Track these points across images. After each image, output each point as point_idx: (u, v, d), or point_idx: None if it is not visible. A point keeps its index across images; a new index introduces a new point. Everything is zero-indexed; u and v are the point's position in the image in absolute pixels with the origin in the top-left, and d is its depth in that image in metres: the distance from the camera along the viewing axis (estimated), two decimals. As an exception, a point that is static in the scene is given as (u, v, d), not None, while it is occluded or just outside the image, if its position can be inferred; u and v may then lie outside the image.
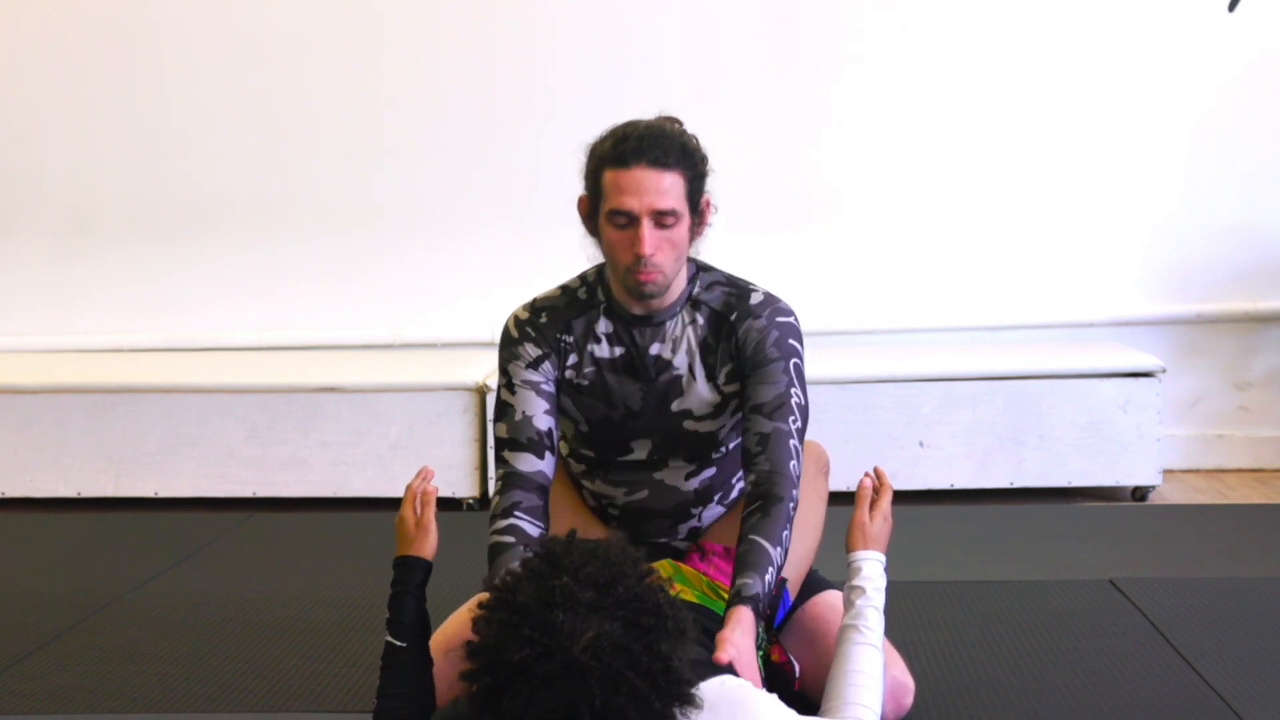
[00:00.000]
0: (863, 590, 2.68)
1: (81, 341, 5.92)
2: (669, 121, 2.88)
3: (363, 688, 3.22)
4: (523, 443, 2.91)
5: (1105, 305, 5.69)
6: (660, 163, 2.77)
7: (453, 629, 2.85)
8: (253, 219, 5.87)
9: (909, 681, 2.92)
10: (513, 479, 2.89)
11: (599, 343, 2.96)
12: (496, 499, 2.88)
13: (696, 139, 2.87)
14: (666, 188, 2.78)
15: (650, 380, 2.95)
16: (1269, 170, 5.63)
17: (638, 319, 2.94)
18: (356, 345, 5.82)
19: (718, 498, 3.06)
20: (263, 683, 3.35)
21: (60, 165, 5.94)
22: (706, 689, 2.29)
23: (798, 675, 2.84)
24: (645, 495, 3.03)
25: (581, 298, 2.98)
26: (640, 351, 2.94)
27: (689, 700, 2.20)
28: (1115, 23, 5.62)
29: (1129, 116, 5.65)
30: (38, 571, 4.42)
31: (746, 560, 2.72)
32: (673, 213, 2.79)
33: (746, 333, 2.92)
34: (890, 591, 2.76)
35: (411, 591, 2.68)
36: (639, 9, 5.74)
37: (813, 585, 3.07)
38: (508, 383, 2.96)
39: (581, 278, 3.02)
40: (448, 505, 4.98)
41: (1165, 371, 5.21)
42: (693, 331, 2.95)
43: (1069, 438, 5.17)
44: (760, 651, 2.66)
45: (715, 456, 3.02)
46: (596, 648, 2.12)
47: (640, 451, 3.00)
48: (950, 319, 5.72)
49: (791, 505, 2.80)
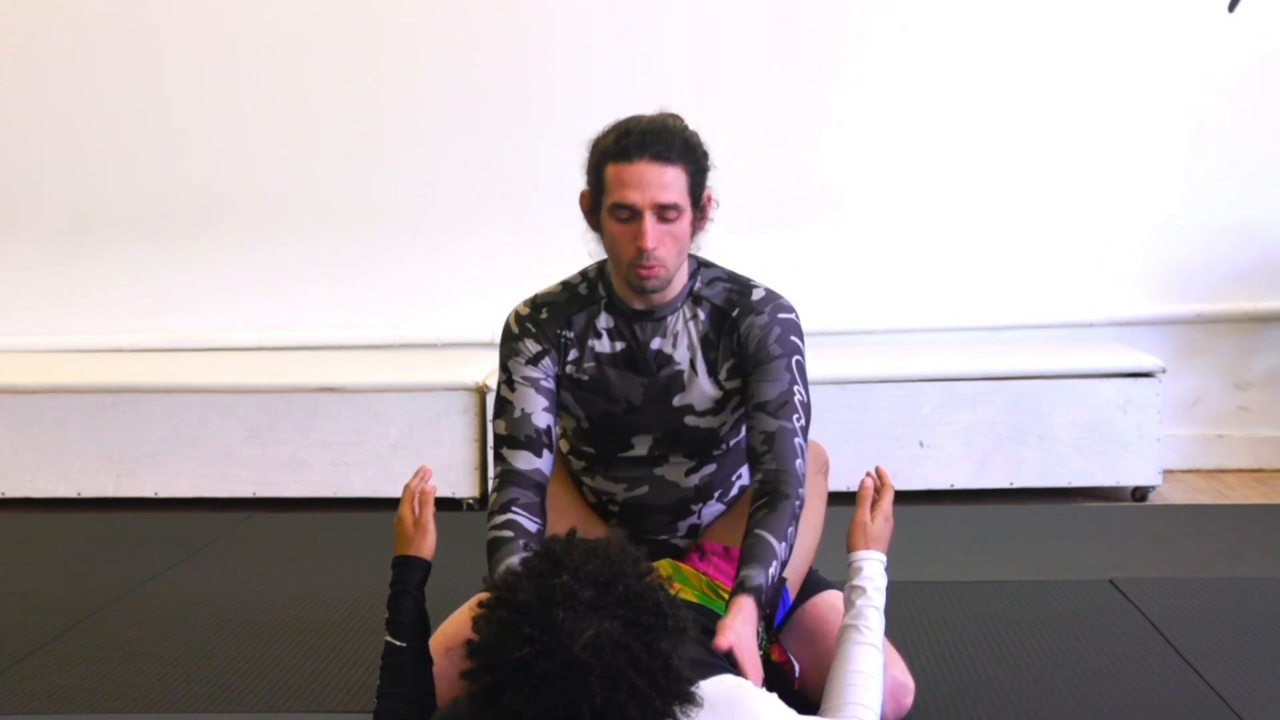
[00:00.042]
0: (863, 590, 2.69)
1: (81, 341, 5.92)
2: (670, 117, 2.88)
3: (363, 688, 3.22)
4: (521, 440, 2.92)
5: (1105, 305, 5.69)
6: (663, 157, 2.78)
7: (453, 628, 2.86)
8: (253, 219, 5.87)
9: (909, 681, 2.93)
10: (510, 476, 2.90)
11: (600, 338, 2.96)
12: (494, 496, 2.90)
13: (698, 134, 2.88)
14: (669, 182, 2.79)
15: (651, 374, 2.95)
16: (1269, 170, 5.63)
17: (639, 314, 2.95)
18: (356, 345, 5.82)
19: (717, 495, 3.07)
20: (263, 683, 3.35)
21: (60, 165, 5.94)
22: (706, 688, 2.29)
23: (798, 675, 2.84)
24: (645, 491, 3.03)
25: (582, 293, 2.99)
26: (641, 346, 2.95)
27: (689, 699, 2.20)
28: (1115, 23, 5.62)
29: (1129, 116, 5.65)
30: (38, 571, 4.42)
31: (751, 553, 2.73)
32: (675, 207, 2.80)
33: (749, 329, 2.92)
34: (890, 591, 2.76)
35: (410, 591, 2.68)
36: (639, 9, 5.74)
37: (813, 585, 3.08)
38: (508, 379, 2.97)
39: (582, 274, 3.02)
40: (447, 505, 4.99)
41: (1165, 371, 5.22)
42: (694, 327, 2.95)
43: (1069, 438, 5.17)
44: (760, 651, 2.66)
45: (716, 453, 3.02)
46: (597, 646, 2.12)
47: (641, 447, 3.00)
48: (950, 319, 5.72)
49: (798, 503, 2.82)
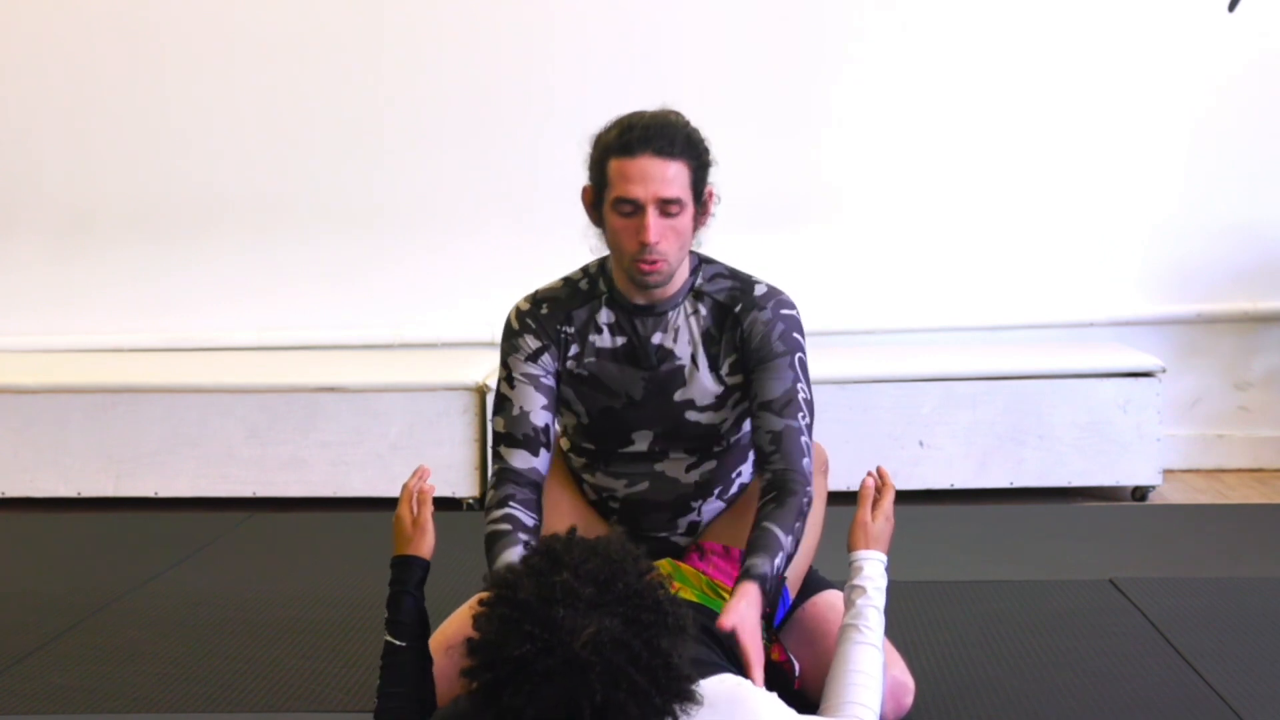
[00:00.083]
0: (863, 590, 2.69)
1: (81, 341, 5.92)
2: (672, 113, 2.90)
3: (363, 688, 3.22)
4: (518, 439, 2.93)
5: (1105, 305, 5.69)
6: (665, 152, 2.80)
7: (453, 628, 2.86)
8: (253, 219, 5.87)
9: (909, 681, 2.93)
10: (507, 474, 2.93)
11: (600, 333, 2.97)
12: (492, 492, 2.92)
13: (699, 131, 2.89)
14: (671, 176, 2.80)
15: (652, 368, 2.96)
16: (1269, 170, 5.63)
17: (640, 308, 2.96)
18: (356, 345, 5.82)
19: (717, 491, 3.07)
20: (263, 683, 3.35)
21: (60, 165, 5.94)
22: (706, 686, 2.29)
23: (798, 674, 2.85)
24: (646, 487, 3.03)
25: (583, 289, 3.00)
26: (642, 340, 2.96)
27: (689, 696, 2.20)
28: (1115, 23, 5.62)
29: (1129, 116, 5.65)
30: (38, 571, 4.42)
31: (757, 543, 2.76)
32: (677, 201, 2.81)
33: (752, 324, 2.93)
34: (890, 591, 2.76)
35: (410, 591, 2.68)
36: (639, 9, 5.74)
37: (813, 585, 3.08)
38: (507, 376, 2.98)
39: (584, 270, 3.04)
40: (447, 505, 4.99)
41: (1165, 371, 5.21)
42: (695, 322, 2.96)
43: (1069, 438, 5.16)
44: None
45: (716, 450, 3.03)
46: (597, 643, 2.12)
47: (641, 443, 3.00)
48: (950, 319, 5.72)
49: (805, 500, 2.84)
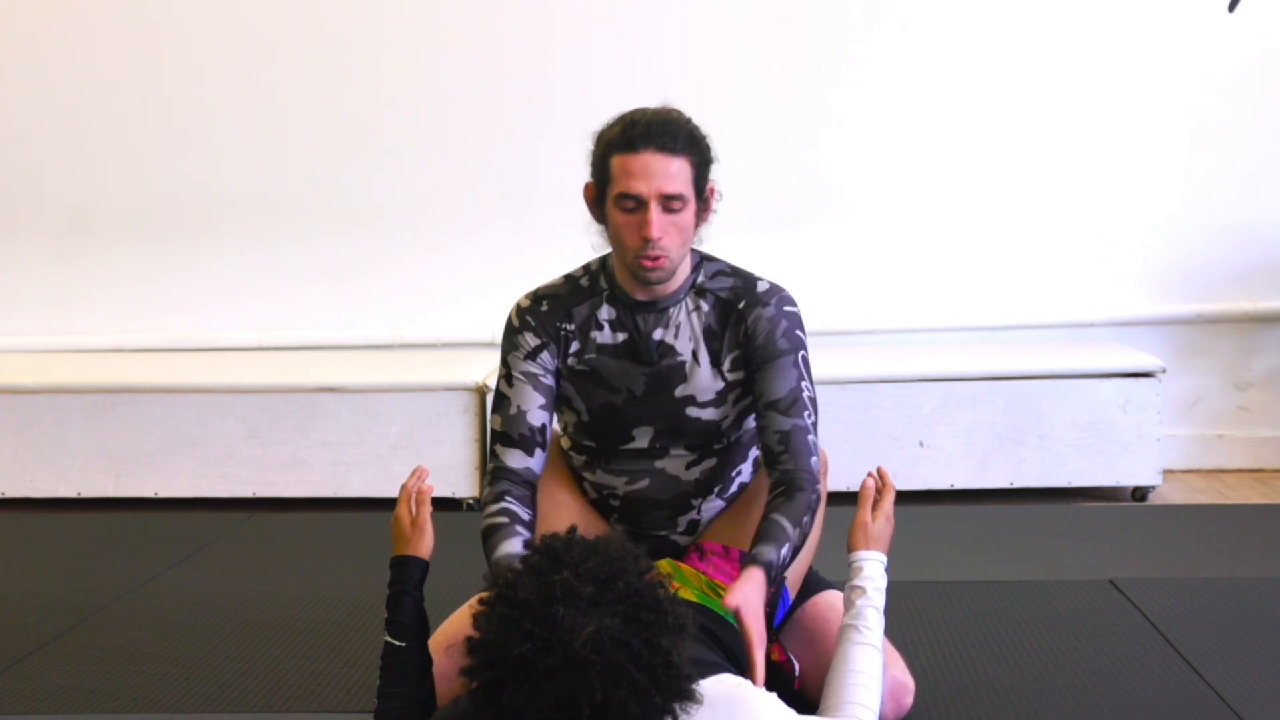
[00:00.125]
0: (863, 590, 2.69)
1: (81, 341, 5.91)
2: (674, 111, 2.91)
3: (363, 688, 3.22)
4: (514, 439, 2.95)
5: (1105, 305, 5.69)
6: (668, 148, 2.81)
7: (454, 628, 2.86)
8: (253, 219, 5.87)
9: (909, 681, 2.93)
10: (502, 472, 2.95)
11: (601, 329, 2.98)
12: (488, 489, 2.95)
13: (701, 128, 2.90)
14: (674, 172, 2.82)
15: (653, 364, 2.97)
16: (1269, 170, 5.63)
17: (641, 304, 2.97)
18: (356, 345, 5.82)
19: (717, 490, 3.07)
20: (263, 683, 3.35)
21: (60, 165, 5.94)
22: (706, 686, 2.29)
23: (797, 674, 2.85)
24: (646, 484, 3.04)
25: (584, 285, 3.01)
26: (643, 336, 2.96)
27: (688, 695, 2.21)
28: (1115, 23, 5.62)
29: (1129, 116, 5.65)
30: (38, 571, 4.42)
31: (764, 532, 2.78)
32: (680, 197, 2.82)
33: (756, 321, 2.94)
34: (890, 591, 2.76)
35: (409, 591, 2.68)
36: (639, 9, 5.74)
37: (813, 585, 3.08)
38: (507, 374, 3.00)
39: (585, 267, 3.05)
40: (447, 505, 4.99)
41: (1165, 371, 5.21)
42: (697, 318, 2.97)
43: (1069, 438, 5.16)
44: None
45: (717, 447, 3.03)
46: (597, 642, 2.12)
47: (642, 439, 3.01)
48: (950, 319, 5.72)
49: (814, 497, 2.86)
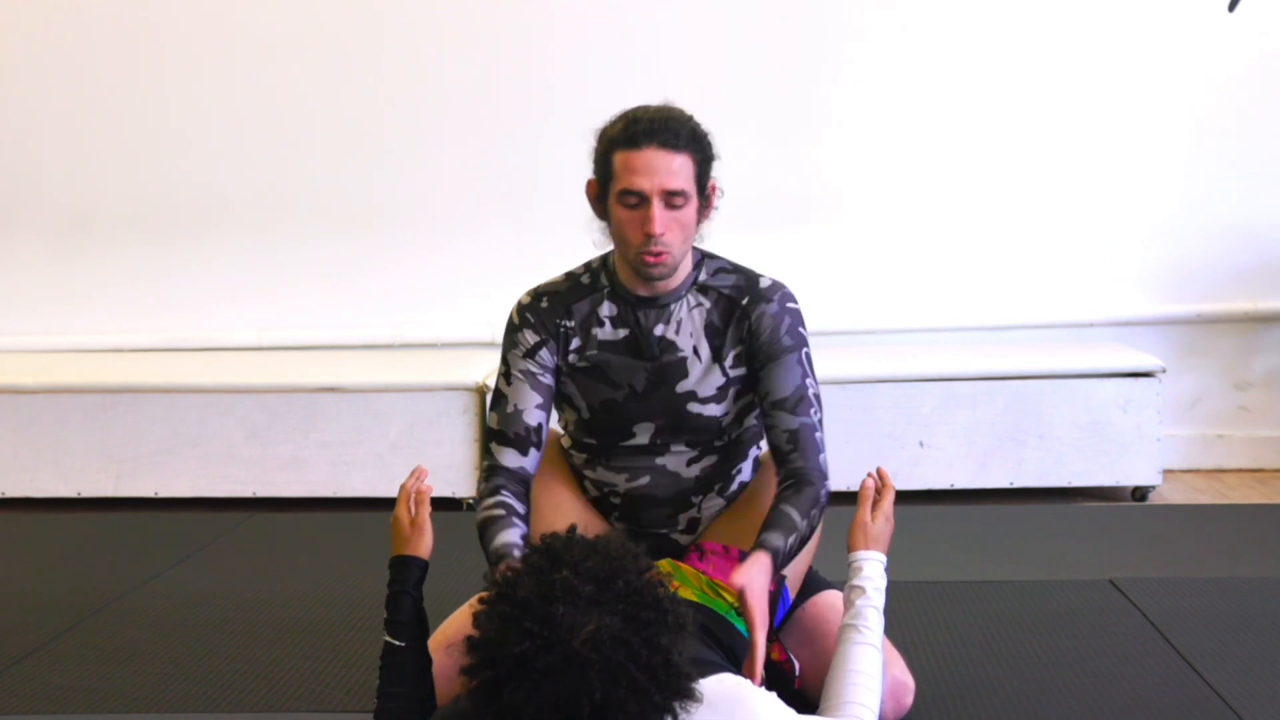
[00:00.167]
0: (863, 590, 2.69)
1: (81, 341, 5.91)
2: (676, 108, 2.92)
3: (363, 688, 3.22)
4: (509, 438, 2.96)
5: (1105, 305, 5.69)
6: (671, 144, 2.83)
7: (454, 627, 2.87)
8: (253, 219, 5.87)
9: (909, 681, 2.93)
10: (496, 470, 2.96)
11: (602, 326, 2.99)
12: (483, 484, 2.96)
13: (703, 125, 2.91)
14: (677, 169, 2.83)
15: (654, 359, 2.98)
16: (1269, 170, 5.63)
17: (642, 300, 2.98)
18: (356, 345, 5.82)
19: (718, 488, 3.08)
20: (263, 683, 3.35)
21: (60, 165, 5.94)
22: (706, 685, 2.29)
23: (797, 674, 2.85)
24: (647, 481, 3.04)
25: (584, 282, 3.03)
26: (644, 332, 2.97)
27: (688, 694, 2.21)
28: (1115, 23, 5.62)
29: (1129, 116, 5.65)
30: (38, 571, 4.42)
31: (772, 520, 2.80)
32: (682, 193, 2.84)
33: (760, 318, 2.95)
34: (890, 591, 2.76)
35: (408, 591, 2.68)
36: (639, 9, 5.74)
37: (813, 585, 3.09)
38: (506, 372, 3.01)
39: (586, 265, 3.06)
40: (447, 505, 4.99)
41: (1165, 371, 5.21)
42: (699, 314, 2.98)
43: (1069, 438, 5.16)
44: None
45: (717, 444, 3.04)
46: (596, 641, 2.12)
47: (643, 436, 3.01)
48: (950, 319, 5.72)
49: (823, 493, 2.88)
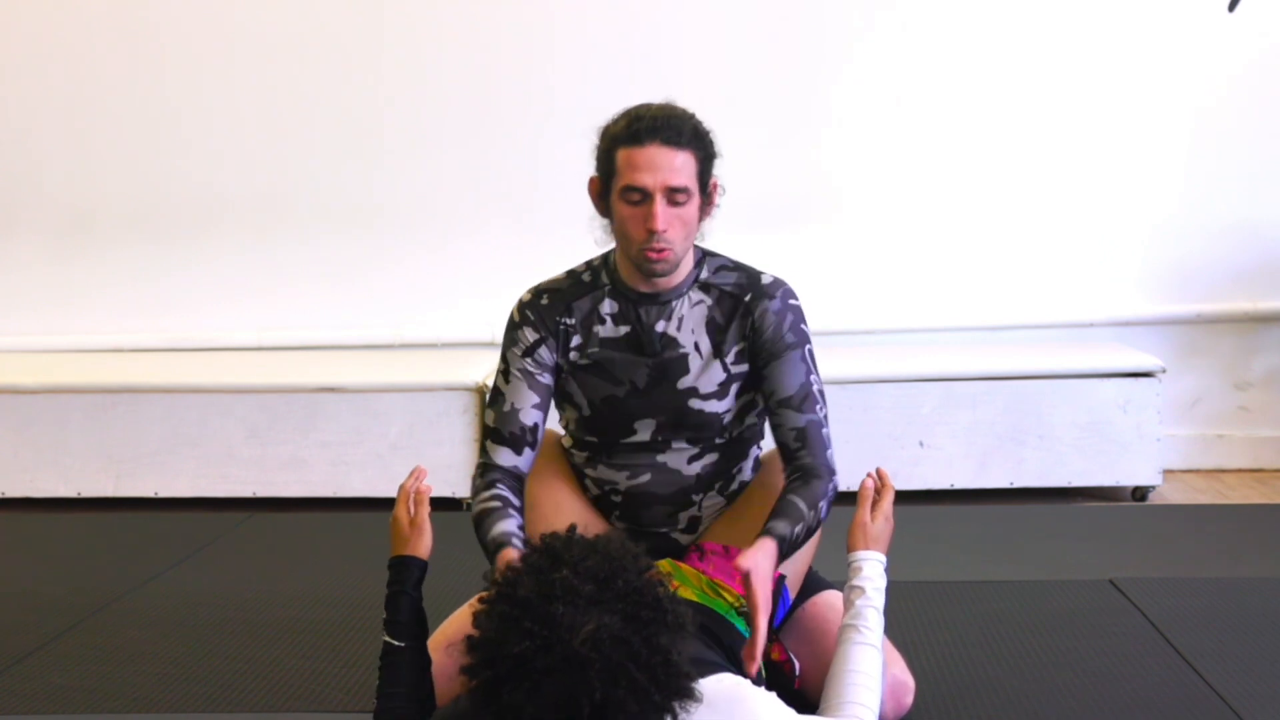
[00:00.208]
0: (863, 590, 2.69)
1: (81, 341, 5.92)
2: (678, 106, 2.93)
3: (363, 688, 3.22)
4: (505, 437, 2.97)
5: (1105, 305, 5.69)
6: (673, 141, 2.84)
7: (454, 627, 2.87)
8: (253, 219, 5.87)
9: (909, 680, 2.93)
10: (491, 467, 2.98)
11: (604, 323, 2.99)
12: (478, 480, 2.96)
13: (705, 123, 2.92)
14: (679, 166, 2.84)
15: (656, 355, 2.98)
16: (1269, 170, 5.63)
17: (644, 297, 2.98)
18: (356, 345, 5.82)
19: (718, 486, 3.08)
20: (263, 683, 3.35)
21: (60, 165, 5.94)
22: (706, 685, 2.29)
23: (797, 674, 2.85)
24: (648, 479, 3.04)
25: (585, 280, 3.04)
26: (645, 328, 2.98)
27: (688, 694, 2.21)
28: (1115, 23, 5.62)
29: (1129, 116, 5.65)
30: (38, 571, 4.42)
31: (779, 509, 2.81)
32: (685, 190, 2.85)
33: (763, 314, 2.96)
34: (890, 591, 2.77)
35: (408, 591, 2.69)
36: (639, 9, 5.74)
37: (812, 585, 3.09)
38: (505, 370, 3.02)
39: (587, 263, 3.07)
40: (447, 505, 4.98)
41: (1165, 371, 5.21)
42: (700, 311, 2.99)
43: (1069, 438, 5.16)
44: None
45: (718, 441, 3.04)
46: (596, 640, 2.13)
47: (644, 432, 3.02)
48: (950, 319, 5.72)
49: (831, 487, 2.90)
